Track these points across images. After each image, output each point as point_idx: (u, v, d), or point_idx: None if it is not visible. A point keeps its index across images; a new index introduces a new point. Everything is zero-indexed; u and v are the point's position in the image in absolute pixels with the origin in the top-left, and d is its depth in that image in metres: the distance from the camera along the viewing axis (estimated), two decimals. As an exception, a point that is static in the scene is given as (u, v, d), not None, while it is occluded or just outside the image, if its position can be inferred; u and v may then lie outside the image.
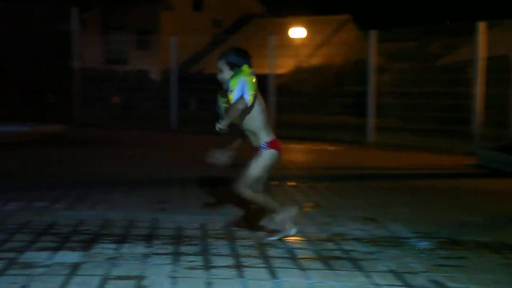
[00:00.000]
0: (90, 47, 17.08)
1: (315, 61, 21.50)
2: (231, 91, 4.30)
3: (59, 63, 16.62)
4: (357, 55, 18.66)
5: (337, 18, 31.15)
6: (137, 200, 5.98)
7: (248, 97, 4.27)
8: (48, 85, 17.14)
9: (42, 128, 13.35)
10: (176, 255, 4.02)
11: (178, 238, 4.48)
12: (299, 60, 21.02)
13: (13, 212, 5.26)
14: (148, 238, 4.44)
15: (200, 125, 16.09)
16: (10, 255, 3.91)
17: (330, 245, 4.39)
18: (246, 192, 4.38)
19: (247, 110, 4.34)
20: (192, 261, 3.90)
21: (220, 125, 4.22)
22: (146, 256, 3.99)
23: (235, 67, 4.36)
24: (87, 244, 4.24)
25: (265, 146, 4.39)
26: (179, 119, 16.07)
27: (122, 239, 4.40)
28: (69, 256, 3.92)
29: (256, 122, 4.38)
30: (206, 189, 6.69)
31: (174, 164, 8.85)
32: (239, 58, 4.40)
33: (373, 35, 13.77)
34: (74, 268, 3.68)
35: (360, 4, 36.18)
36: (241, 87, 4.27)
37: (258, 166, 4.38)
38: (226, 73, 4.41)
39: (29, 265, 3.71)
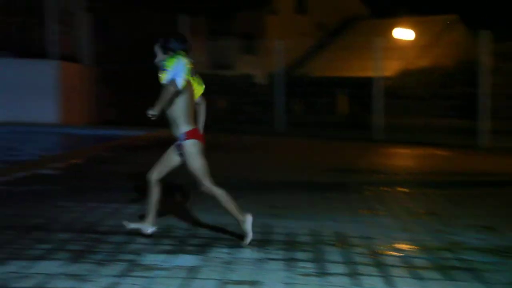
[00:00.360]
0: (197, 52, 17.49)
1: (422, 62, 21.01)
2: (164, 69, 4.26)
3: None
4: (466, 56, 18.07)
5: (444, 18, 30.29)
6: (248, 205, 6.02)
7: (181, 81, 4.23)
8: None
9: (155, 133, 13.81)
10: (290, 261, 4.03)
11: (290, 244, 4.49)
12: (405, 62, 20.62)
13: (132, 215, 5.44)
14: (261, 243, 4.47)
15: (307, 128, 16.11)
16: (132, 257, 4.05)
17: (447, 254, 4.26)
18: (208, 185, 4.37)
19: (174, 96, 4.27)
20: (305, 268, 3.89)
21: (151, 111, 4.17)
22: (259, 261, 4.03)
23: (169, 51, 4.33)
24: (203, 248, 4.33)
25: (183, 137, 4.36)
26: (286, 123, 16.16)
27: (235, 244, 4.46)
28: (186, 260, 4.02)
29: (178, 111, 4.33)
30: (316, 195, 6.66)
31: (284, 169, 8.88)
32: (175, 43, 4.35)
33: (485, 34, 13.29)
34: (192, 271, 3.77)
35: (468, 3, 34.97)
36: (176, 68, 4.24)
37: (194, 158, 4.37)
38: (160, 57, 4.38)
39: (149, 268, 3.83)
